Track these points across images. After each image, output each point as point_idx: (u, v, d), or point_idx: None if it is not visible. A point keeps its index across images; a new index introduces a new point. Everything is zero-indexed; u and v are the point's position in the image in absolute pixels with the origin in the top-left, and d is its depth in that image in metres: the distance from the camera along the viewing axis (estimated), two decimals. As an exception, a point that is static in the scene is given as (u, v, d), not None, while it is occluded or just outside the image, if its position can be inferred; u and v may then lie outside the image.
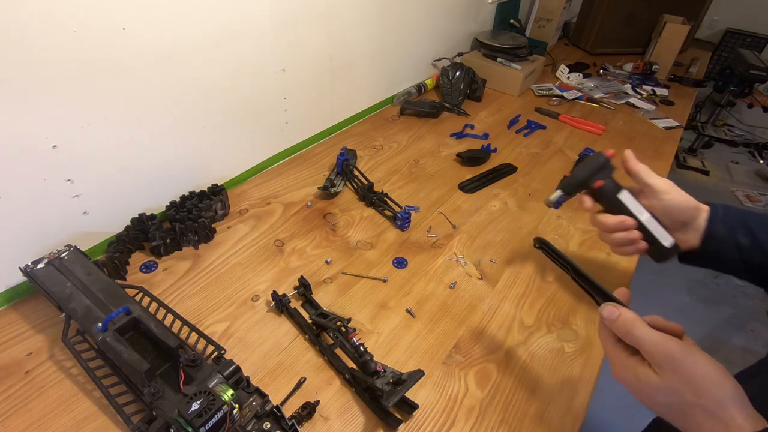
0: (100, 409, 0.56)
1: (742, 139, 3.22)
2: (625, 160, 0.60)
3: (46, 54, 0.58)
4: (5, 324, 0.65)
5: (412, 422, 0.58)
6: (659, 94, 1.60)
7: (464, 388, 0.62)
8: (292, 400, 0.59)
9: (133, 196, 0.79)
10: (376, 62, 1.22)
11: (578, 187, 0.59)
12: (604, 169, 0.59)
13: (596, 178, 0.58)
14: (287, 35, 0.91)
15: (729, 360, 1.78)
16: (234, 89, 0.86)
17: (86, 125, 0.66)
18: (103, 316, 0.57)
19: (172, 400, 0.49)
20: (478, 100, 1.42)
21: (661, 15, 1.81)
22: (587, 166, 0.59)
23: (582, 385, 0.64)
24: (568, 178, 0.60)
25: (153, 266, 0.75)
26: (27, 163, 0.62)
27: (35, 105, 0.60)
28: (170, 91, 0.75)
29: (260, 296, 0.72)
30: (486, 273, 0.81)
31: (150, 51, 0.69)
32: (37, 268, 0.63)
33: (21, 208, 0.64)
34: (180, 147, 0.82)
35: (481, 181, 1.05)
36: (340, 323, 0.62)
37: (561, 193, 0.60)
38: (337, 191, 0.96)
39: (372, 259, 0.82)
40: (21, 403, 0.56)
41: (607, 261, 0.86)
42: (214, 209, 0.84)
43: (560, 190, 0.60)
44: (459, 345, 0.68)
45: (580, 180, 0.59)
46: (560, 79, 1.63)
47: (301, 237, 0.85)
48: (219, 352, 0.57)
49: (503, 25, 1.76)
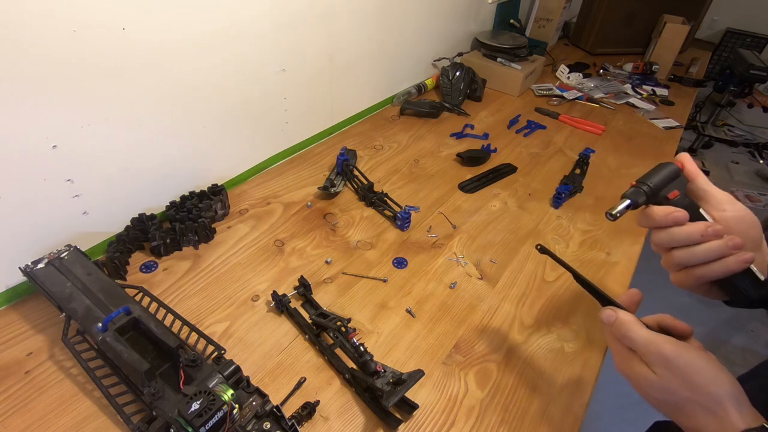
0: (100, 409, 0.56)
1: (742, 139, 3.22)
2: (683, 162, 0.49)
3: (46, 54, 0.58)
4: (5, 324, 0.65)
5: (412, 422, 0.58)
6: (659, 94, 1.60)
7: (464, 388, 0.62)
8: (292, 400, 0.59)
9: (133, 196, 0.79)
10: (376, 62, 1.22)
11: (651, 196, 0.48)
12: (677, 178, 0.49)
13: (671, 188, 0.48)
14: (287, 35, 0.91)
15: (729, 360, 1.78)
16: (234, 89, 0.86)
17: (86, 125, 0.66)
18: (103, 316, 0.57)
19: (172, 400, 0.49)
20: (478, 100, 1.42)
21: (661, 15, 1.81)
22: (660, 174, 0.49)
23: (582, 385, 0.64)
24: (635, 186, 0.49)
25: (153, 266, 0.75)
26: (27, 163, 0.62)
27: (35, 105, 0.60)
28: (170, 91, 0.75)
29: (260, 296, 0.72)
30: (486, 273, 0.81)
31: (150, 51, 0.69)
32: (37, 268, 0.63)
33: (21, 208, 0.64)
34: (180, 147, 0.82)
35: (481, 181, 1.05)
36: (340, 323, 0.62)
37: (628, 202, 0.48)
38: (337, 191, 0.96)
39: (372, 259, 0.82)
40: (21, 403, 0.56)
41: (606, 261, 0.86)
42: (214, 209, 0.84)
43: (627, 200, 0.49)
44: (459, 345, 0.68)
45: (654, 187, 0.48)
46: (560, 79, 1.63)
47: (301, 237, 0.85)
48: (219, 352, 0.57)
49: (503, 25, 1.76)
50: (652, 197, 0.48)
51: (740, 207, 0.47)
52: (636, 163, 1.18)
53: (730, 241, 0.43)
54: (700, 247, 0.44)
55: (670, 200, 0.48)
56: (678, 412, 0.39)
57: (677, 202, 0.47)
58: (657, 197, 0.48)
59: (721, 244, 0.43)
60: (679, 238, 0.45)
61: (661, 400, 0.40)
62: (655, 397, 0.40)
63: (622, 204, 0.48)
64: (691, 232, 0.44)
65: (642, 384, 0.41)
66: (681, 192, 0.48)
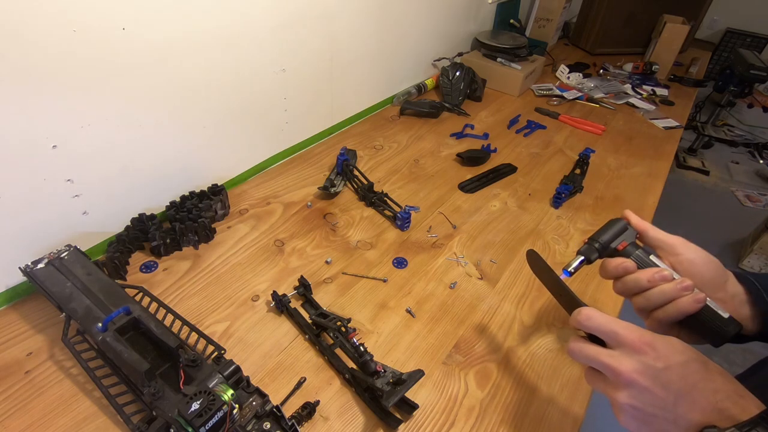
0: (100, 409, 0.56)
1: (742, 139, 3.23)
2: (628, 218, 0.54)
3: (46, 54, 0.58)
4: (5, 324, 0.65)
5: (412, 422, 0.58)
6: (659, 94, 1.60)
7: (464, 388, 0.62)
8: (292, 400, 0.59)
9: (133, 196, 0.79)
10: (376, 62, 1.22)
11: (602, 250, 0.53)
12: (626, 230, 0.54)
13: (620, 240, 0.53)
14: (287, 35, 0.91)
15: (729, 360, 1.77)
16: (234, 89, 0.86)
17: (86, 125, 0.66)
18: (103, 316, 0.57)
19: (172, 400, 0.49)
20: (478, 100, 1.42)
21: (661, 15, 1.81)
22: (609, 230, 0.54)
23: (582, 384, 0.64)
24: (587, 243, 0.54)
25: (153, 266, 0.75)
26: (27, 163, 0.62)
27: (35, 105, 0.60)
28: (170, 91, 0.75)
29: (260, 296, 0.73)
30: (486, 273, 0.81)
31: (150, 51, 0.69)
32: (37, 268, 0.63)
33: (21, 208, 0.64)
34: (180, 147, 0.82)
35: (481, 181, 1.05)
36: (340, 323, 0.62)
37: (582, 258, 0.54)
38: (337, 191, 0.96)
39: (372, 259, 0.82)
40: (21, 403, 0.56)
41: (607, 261, 0.86)
42: (214, 209, 0.84)
43: (581, 256, 0.54)
44: (459, 345, 0.68)
45: (603, 243, 0.53)
46: (560, 79, 1.63)
47: (301, 237, 0.85)
48: (219, 352, 0.57)
49: (503, 25, 1.76)
50: (604, 251, 0.53)
51: (693, 249, 0.49)
52: (636, 163, 1.18)
53: (680, 284, 0.46)
54: (652, 292, 0.47)
55: (620, 252, 0.52)
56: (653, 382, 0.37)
57: (627, 253, 0.51)
58: (608, 250, 0.53)
59: (670, 287, 0.46)
60: (629, 285, 0.49)
61: (634, 370, 0.38)
62: (627, 368, 0.38)
63: (577, 260, 0.54)
64: (639, 279, 0.48)
65: (609, 361, 0.39)
66: (629, 242, 0.52)
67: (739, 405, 0.35)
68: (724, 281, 0.49)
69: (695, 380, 0.36)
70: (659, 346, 0.37)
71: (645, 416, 0.37)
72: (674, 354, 0.37)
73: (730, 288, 0.49)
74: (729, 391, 0.36)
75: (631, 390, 0.37)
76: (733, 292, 0.49)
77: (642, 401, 0.37)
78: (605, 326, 0.40)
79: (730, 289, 0.49)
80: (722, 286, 0.49)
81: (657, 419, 0.37)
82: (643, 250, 0.51)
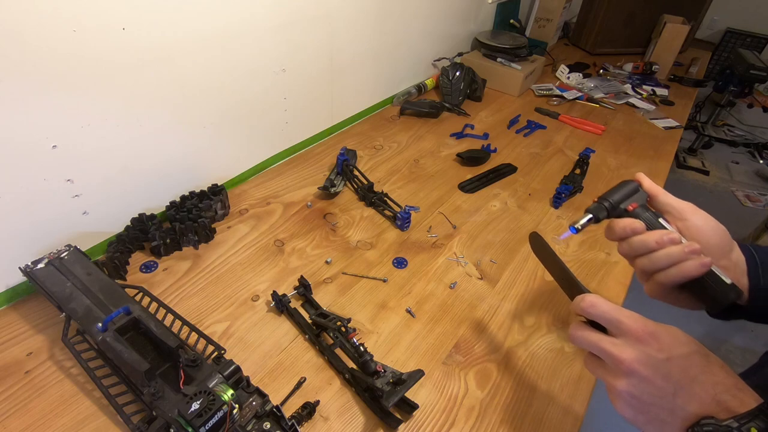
0: (100, 409, 0.56)
1: (742, 139, 3.22)
2: (640, 180, 0.53)
3: (46, 54, 0.58)
4: (5, 324, 0.65)
5: (412, 422, 0.58)
6: (659, 94, 1.60)
7: (464, 388, 0.62)
8: (292, 400, 0.59)
9: (133, 196, 0.79)
10: (376, 62, 1.22)
11: (611, 210, 0.52)
12: (636, 193, 0.53)
13: (630, 201, 0.52)
14: (287, 35, 0.91)
15: (729, 360, 1.78)
16: (234, 89, 0.86)
17: (86, 125, 0.66)
18: (103, 316, 0.57)
19: (172, 400, 0.49)
20: (478, 100, 1.42)
21: (661, 15, 1.81)
22: (620, 190, 0.53)
23: (582, 384, 0.64)
24: (597, 202, 0.53)
25: (153, 266, 0.75)
26: (27, 163, 0.62)
27: (35, 105, 0.60)
28: (170, 91, 0.75)
29: (260, 296, 0.73)
30: (486, 273, 0.81)
31: (150, 51, 0.69)
32: (37, 268, 0.63)
33: (21, 208, 0.64)
34: (180, 147, 0.82)
35: (481, 181, 1.05)
36: (340, 323, 0.62)
37: (590, 216, 0.52)
38: (337, 191, 0.96)
39: (372, 259, 0.82)
40: (21, 403, 0.56)
41: (606, 261, 0.86)
42: (214, 209, 0.84)
43: (589, 214, 0.53)
44: (459, 345, 0.68)
45: (614, 202, 0.52)
46: (560, 79, 1.63)
47: (301, 237, 0.85)
48: (219, 352, 0.57)
49: (503, 25, 1.76)
50: (613, 211, 0.52)
51: (702, 215, 0.49)
52: (636, 163, 1.18)
53: (687, 247, 0.46)
54: (658, 253, 0.47)
55: (629, 212, 0.51)
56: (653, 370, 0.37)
57: (636, 214, 0.51)
58: (617, 210, 0.52)
59: (677, 250, 0.46)
60: (636, 246, 0.48)
61: (636, 359, 0.38)
62: (628, 356, 0.38)
63: (585, 218, 0.52)
64: (647, 240, 0.48)
65: (611, 349, 0.39)
66: (640, 204, 0.51)
67: (737, 398, 0.35)
68: (730, 249, 0.49)
69: (696, 373, 0.36)
70: (662, 336, 0.37)
71: (642, 405, 0.37)
72: (677, 346, 0.37)
73: (734, 257, 0.49)
74: (729, 385, 0.36)
75: (631, 379, 0.37)
76: (736, 260, 0.49)
77: (641, 390, 0.37)
78: (609, 314, 0.40)
79: (734, 258, 0.49)
80: (727, 254, 0.49)
81: (654, 408, 0.37)
82: (653, 213, 0.51)
